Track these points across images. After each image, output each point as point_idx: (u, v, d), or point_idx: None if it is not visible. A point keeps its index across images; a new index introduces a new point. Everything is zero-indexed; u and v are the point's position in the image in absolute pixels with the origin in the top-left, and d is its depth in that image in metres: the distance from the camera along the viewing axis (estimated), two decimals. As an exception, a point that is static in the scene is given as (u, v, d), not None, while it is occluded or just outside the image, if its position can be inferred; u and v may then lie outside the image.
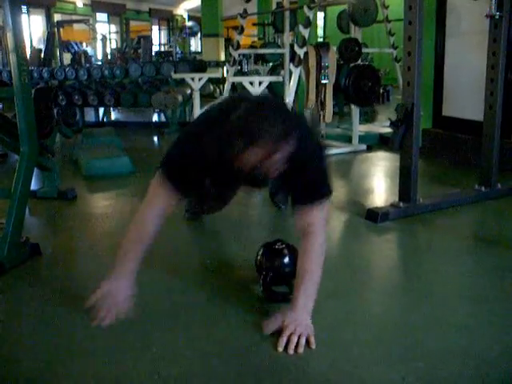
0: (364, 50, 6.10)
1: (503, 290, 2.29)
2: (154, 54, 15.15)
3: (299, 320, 1.84)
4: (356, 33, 5.66)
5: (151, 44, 15.33)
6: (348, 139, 5.81)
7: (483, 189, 3.61)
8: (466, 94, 4.76)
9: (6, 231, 2.56)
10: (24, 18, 16.14)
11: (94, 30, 15.87)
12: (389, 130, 4.83)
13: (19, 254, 2.60)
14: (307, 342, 1.79)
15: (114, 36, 19.75)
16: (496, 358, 1.74)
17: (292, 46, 5.69)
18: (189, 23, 20.87)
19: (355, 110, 5.69)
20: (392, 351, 1.79)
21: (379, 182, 4.54)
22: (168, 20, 21.81)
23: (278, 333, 1.83)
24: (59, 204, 3.70)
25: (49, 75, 8.19)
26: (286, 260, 2.18)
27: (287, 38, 6.65)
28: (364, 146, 5.63)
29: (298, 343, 1.78)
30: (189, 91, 6.89)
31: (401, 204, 3.27)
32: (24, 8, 16.03)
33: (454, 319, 2.01)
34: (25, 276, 2.49)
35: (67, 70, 8.19)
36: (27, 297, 2.30)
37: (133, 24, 20.30)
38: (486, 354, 1.76)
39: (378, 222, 3.16)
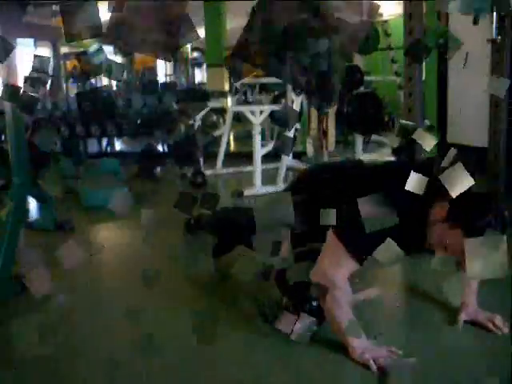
0: (366, 78, 6.07)
1: None
2: (159, 84, 15.23)
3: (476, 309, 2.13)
4: (358, 60, 5.63)
5: (156, 75, 15.42)
6: (352, 167, 5.74)
7: (490, 216, 3.51)
8: (470, 120, 4.69)
9: (-4, 264, 2.50)
10: (31, 50, 16.32)
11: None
12: (393, 158, 4.76)
13: (9, 289, 2.52)
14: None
15: (120, 68, 19.89)
16: None
17: (294, 75, 5.67)
18: (194, 54, 21.04)
19: (358, 138, 5.63)
20: None
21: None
22: (173, 51, 22.01)
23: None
24: (56, 236, 3.63)
25: (52, 106, 8.20)
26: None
27: (289, 66, 6.65)
28: (368, 175, 5.54)
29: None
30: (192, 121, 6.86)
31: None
32: (31, 41, 16.22)
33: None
34: (14, 312, 2.41)
35: (70, 101, 8.21)
36: (15, 334, 2.21)
37: (138, 55, 20.49)
38: None
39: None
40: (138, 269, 2.93)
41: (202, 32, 13.95)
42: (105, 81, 15.42)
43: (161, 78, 18.43)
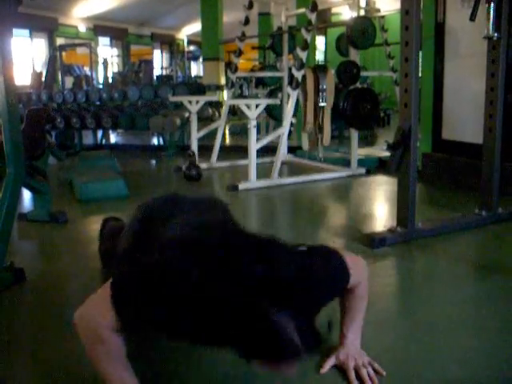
0: (363, 73, 6.07)
1: (505, 319, 2.19)
2: (155, 77, 15.20)
3: (352, 352, 1.80)
4: (354, 55, 5.61)
5: (152, 68, 15.38)
6: (347, 163, 5.74)
7: (484, 213, 3.52)
8: (465, 117, 4.70)
9: (-11, 255, 2.49)
10: (27, 41, 16.27)
11: (95, 54, 15.92)
12: (388, 153, 4.77)
13: (2, 279, 2.52)
14: (374, 371, 1.75)
15: (116, 60, 19.84)
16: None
17: (290, 69, 5.67)
18: (191, 47, 21.01)
19: (354, 134, 5.63)
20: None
21: (377, 206, 4.46)
22: (169, 44, 21.96)
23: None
24: (49, 227, 3.63)
25: (47, 98, 8.17)
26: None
27: (286, 61, 6.64)
28: (363, 170, 5.55)
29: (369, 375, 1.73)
30: (187, 114, 6.85)
31: (398, 229, 3.18)
32: (27, 32, 16.17)
33: (455, 350, 1.92)
34: (6, 302, 2.41)
35: (65, 92, 8.18)
36: (7, 324, 2.21)
37: (135, 48, 20.42)
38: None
39: (375, 248, 3.07)
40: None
41: (198, 26, 13.90)
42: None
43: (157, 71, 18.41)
